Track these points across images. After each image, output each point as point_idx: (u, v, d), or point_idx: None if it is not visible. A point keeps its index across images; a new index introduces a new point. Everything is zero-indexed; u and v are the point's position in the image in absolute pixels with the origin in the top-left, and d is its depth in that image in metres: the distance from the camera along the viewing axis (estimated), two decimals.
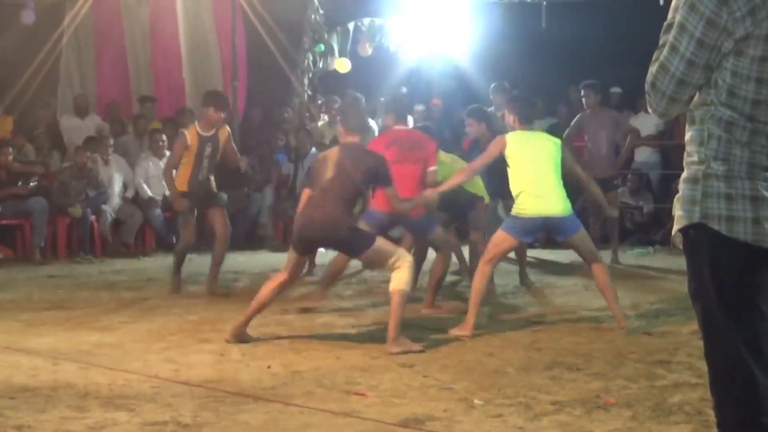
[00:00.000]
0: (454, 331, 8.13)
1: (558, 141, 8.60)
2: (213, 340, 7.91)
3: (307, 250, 8.08)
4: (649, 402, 5.83)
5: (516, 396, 6.01)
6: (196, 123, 10.63)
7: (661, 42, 3.30)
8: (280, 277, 7.94)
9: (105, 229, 14.03)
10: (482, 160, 8.55)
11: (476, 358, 7.17)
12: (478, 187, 9.90)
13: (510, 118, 8.71)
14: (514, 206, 8.36)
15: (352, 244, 7.80)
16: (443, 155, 9.87)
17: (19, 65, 15.54)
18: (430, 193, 8.66)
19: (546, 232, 8.94)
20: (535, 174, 8.28)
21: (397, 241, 9.62)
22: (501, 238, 8.32)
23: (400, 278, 7.59)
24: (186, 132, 10.47)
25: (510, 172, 8.39)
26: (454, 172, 9.04)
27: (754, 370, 3.18)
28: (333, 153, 7.99)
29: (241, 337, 7.83)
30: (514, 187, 8.36)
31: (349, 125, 8.10)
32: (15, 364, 7.03)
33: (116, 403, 5.87)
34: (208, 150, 10.46)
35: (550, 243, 15.09)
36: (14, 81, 15.47)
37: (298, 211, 8.00)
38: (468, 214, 10.25)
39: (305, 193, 8.08)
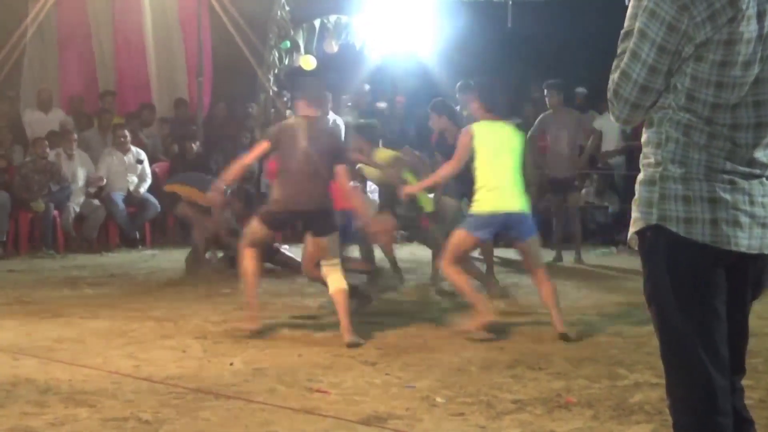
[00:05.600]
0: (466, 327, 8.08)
1: (522, 135, 8.35)
2: (174, 336, 7.88)
3: (283, 225, 8.39)
4: (610, 401, 5.85)
5: (478, 395, 6.02)
6: None
7: (619, 50, 3.31)
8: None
9: (68, 224, 13.92)
10: (456, 158, 8.25)
11: (438, 356, 7.17)
12: (425, 200, 9.91)
13: (473, 106, 8.47)
14: (473, 202, 8.17)
15: (329, 221, 8.01)
16: (383, 152, 9.96)
17: None
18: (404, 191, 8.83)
19: (505, 229, 8.39)
20: (495, 167, 8.05)
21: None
22: (460, 237, 8.16)
23: (338, 279, 7.92)
24: None
25: (476, 164, 8.14)
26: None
27: (711, 370, 3.20)
28: (300, 125, 8.02)
29: None
30: (477, 180, 8.14)
31: (308, 96, 8.13)
32: None
33: (77, 398, 5.84)
34: None
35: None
36: None
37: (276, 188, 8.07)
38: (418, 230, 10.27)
39: (261, 149, 8.14)
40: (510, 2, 17.56)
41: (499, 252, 14.01)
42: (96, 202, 14.20)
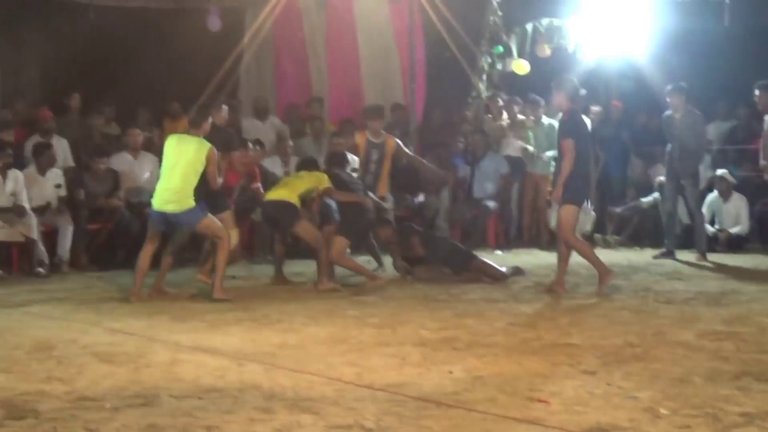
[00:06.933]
0: None
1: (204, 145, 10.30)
2: (393, 343, 7.93)
3: None
4: None
5: (703, 406, 5.85)
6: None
7: None
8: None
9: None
10: None
11: (660, 366, 7.02)
12: None
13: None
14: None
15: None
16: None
17: (203, 69, 15.94)
18: None
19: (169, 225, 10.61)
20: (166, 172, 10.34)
21: None
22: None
23: None
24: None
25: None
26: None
27: None
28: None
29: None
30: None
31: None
32: (202, 364, 7.18)
33: (301, 405, 5.93)
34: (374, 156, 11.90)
35: (732, 248, 14.78)
36: (198, 84, 15.85)
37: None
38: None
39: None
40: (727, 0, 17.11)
41: (718, 258, 13.70)
42: None
